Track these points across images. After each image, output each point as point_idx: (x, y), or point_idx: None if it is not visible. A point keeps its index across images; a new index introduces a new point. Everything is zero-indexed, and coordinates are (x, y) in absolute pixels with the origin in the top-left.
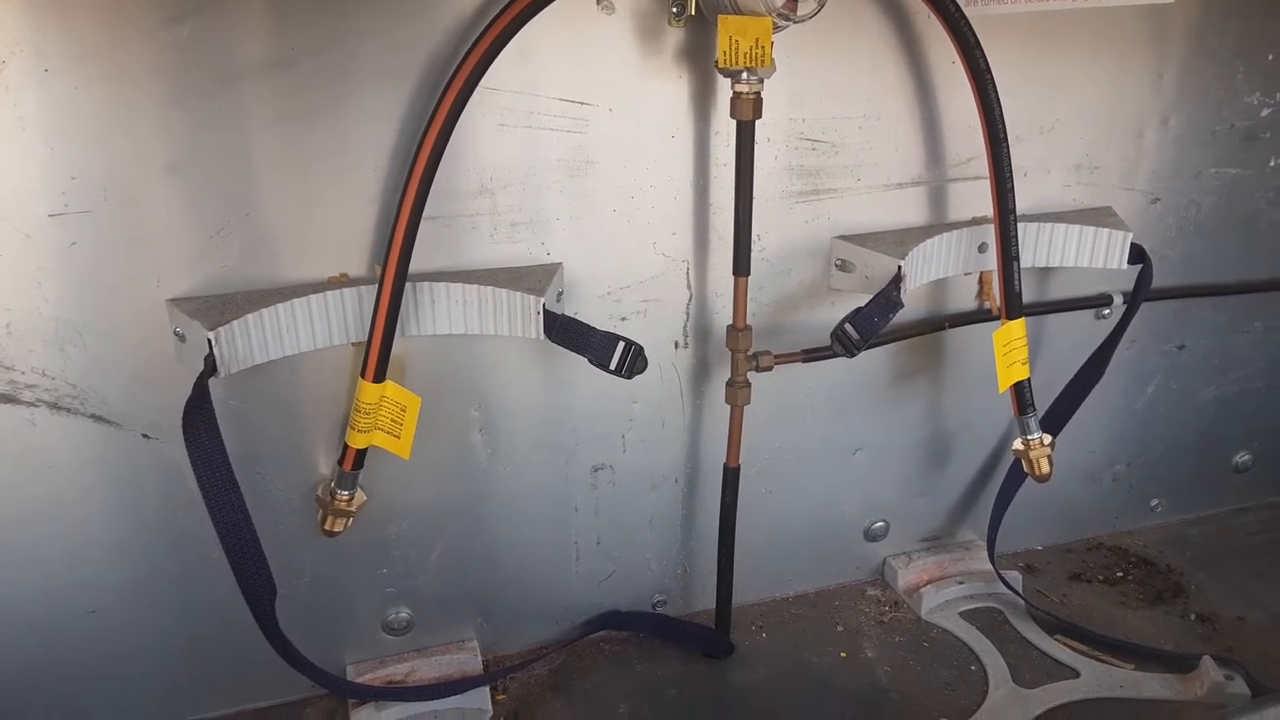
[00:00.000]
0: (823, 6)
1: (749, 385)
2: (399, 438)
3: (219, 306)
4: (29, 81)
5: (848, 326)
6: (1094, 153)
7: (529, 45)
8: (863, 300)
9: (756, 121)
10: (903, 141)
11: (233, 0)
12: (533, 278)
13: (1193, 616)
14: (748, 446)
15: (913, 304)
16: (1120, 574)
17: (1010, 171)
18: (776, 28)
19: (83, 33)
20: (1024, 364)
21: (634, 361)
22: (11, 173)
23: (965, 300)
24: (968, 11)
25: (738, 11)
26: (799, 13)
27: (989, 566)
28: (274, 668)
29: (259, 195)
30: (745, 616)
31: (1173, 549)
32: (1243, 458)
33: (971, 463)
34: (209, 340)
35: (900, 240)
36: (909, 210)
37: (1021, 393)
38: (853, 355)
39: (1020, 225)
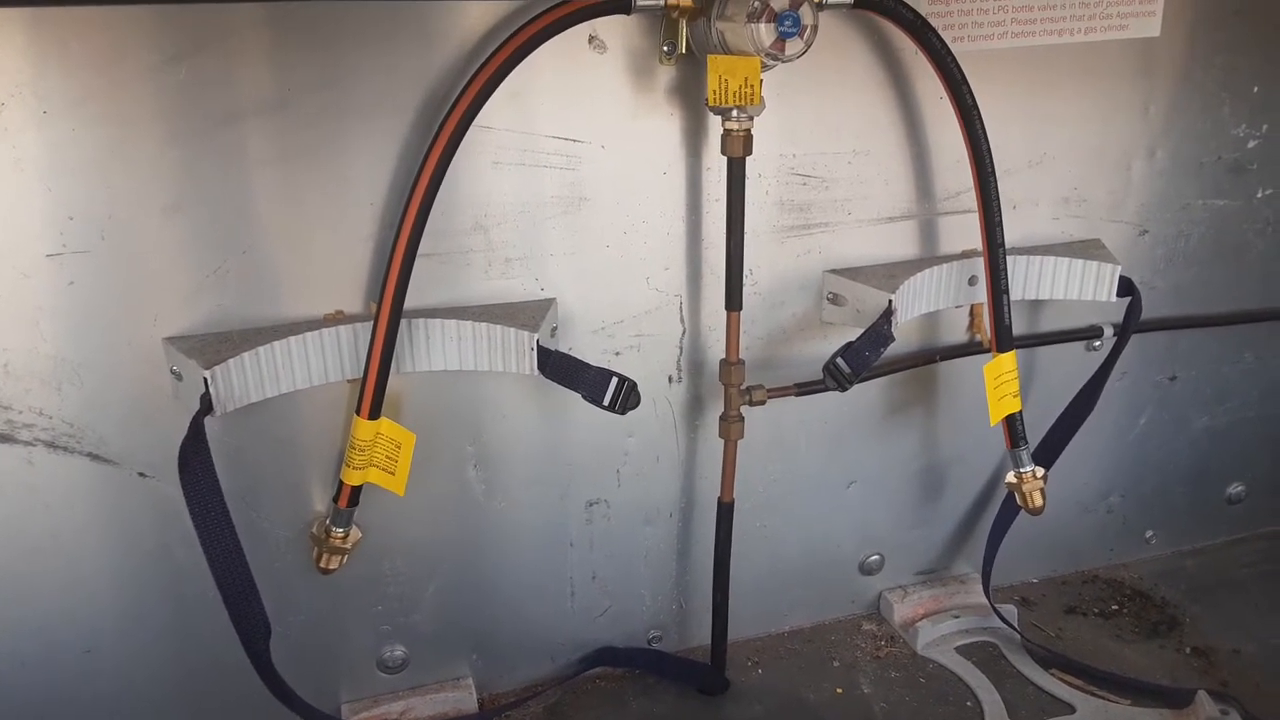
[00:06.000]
0: (810, 46)
1: (742, 419)
2: (394, 474)
3: (215, 345)
4: (28, 123)
5: (839, 360)
6: (1082, 185)
7: (522, 84)
8: (854, 334)
9: (747, 158)
10: (892, 176)
11: (230, 41)
12: (527, 313)
13: (1188, 650)
14: (742, 480)
15: (904, 337)
16: (1115, 607)
17: (999, 205)
18: (765, 67)
19: (81, 75)
20: (1015, 397)
21: (627, 397)
22: (10, 213)
23: (956, 333)
24: (954, 48)
25: (727, 51)
26: (787, 52)
27: (984, 600)
28: (269, 706)
29: (256, 234)
30: (741, 652)
31: (1167, 581)
32: (1236, 489)
33: (965, 495)
34: (205, 379)
35: (891, 274)
36: (899, 244)
37: (1014, 425)
38: (845, 389)
39: (1010, 258)
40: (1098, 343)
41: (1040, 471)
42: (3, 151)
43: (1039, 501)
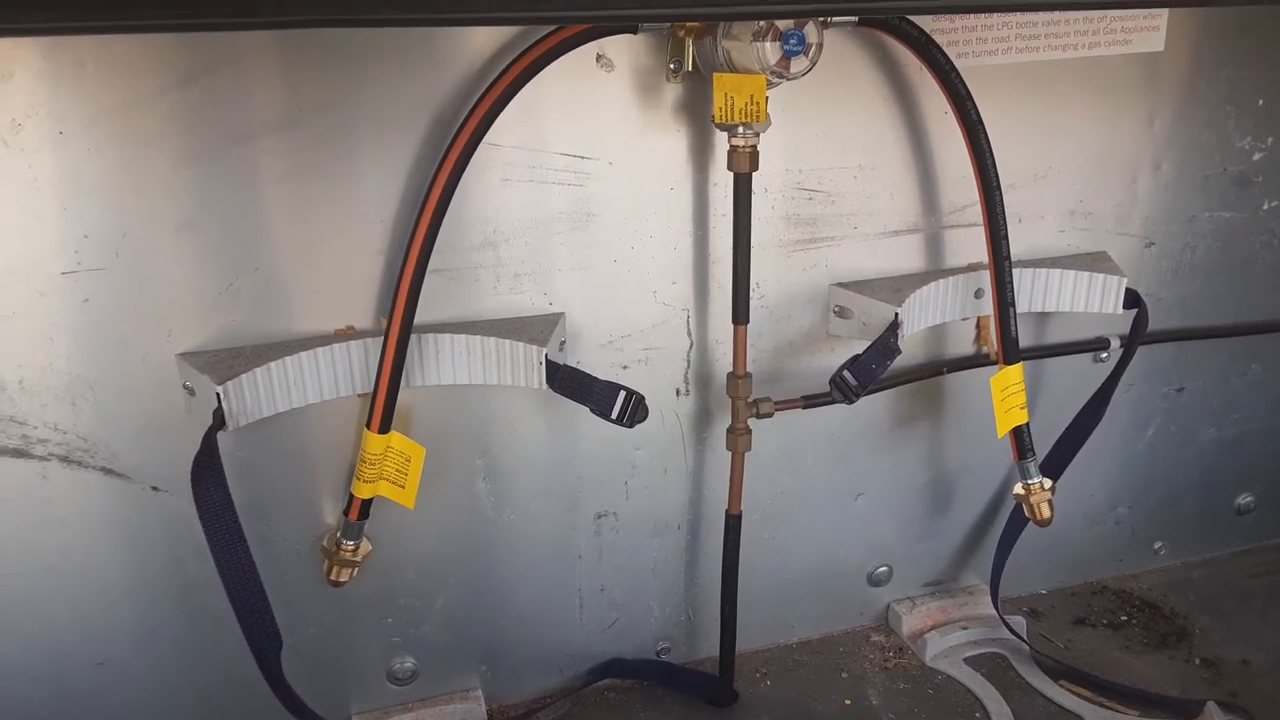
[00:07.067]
0: (815, 64)
1: (750, 432)
2: (404, 488)
3: (228, 360)
4: (44, 143)
5: (846, 373)
6: (1088, 198)
7: (531, 102)
8: (861, 347)
9: (754, 173)
10: (898, 190)
11: (242, 61)
12: (535, 328)
13: (1197, 661)
14: (749, 493)
15: (911, 350)
16: (1124, 618)
17: (1004, 219)
18: (771, 84)
19: (96, 95)
20: (1022, 408)
21: (635, 411)
22: (26, 232)
23: (963, 345)
24: (958, 64)
25: (733, 69)
26: (792, 70)
27: (993, 611)
28: (280, 718)
29: (268, 251)
30: (749, 664)
31: (1176, 592)
32: (1245, 499)
33: (973, 507)
34: (218, 394)
35: (897, 287)
36: (905, 257)
37: (1021, 437)
38: (852, 401)
39: (1016, 271)
40: (1104, 354)
41: (1048, 483)
42: (20, 171)
43: (1047, 513)
